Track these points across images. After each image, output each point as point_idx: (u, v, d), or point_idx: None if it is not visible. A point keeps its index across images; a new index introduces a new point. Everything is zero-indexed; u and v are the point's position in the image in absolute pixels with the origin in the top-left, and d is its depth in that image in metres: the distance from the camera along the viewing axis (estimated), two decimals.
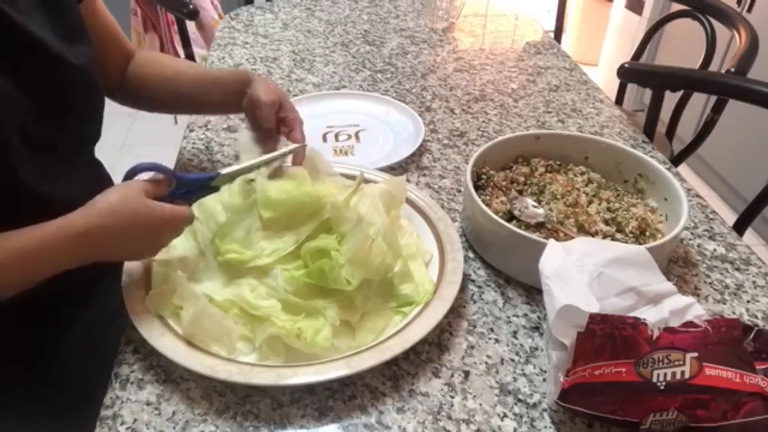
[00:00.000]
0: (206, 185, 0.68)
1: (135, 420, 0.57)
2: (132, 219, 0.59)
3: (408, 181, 0.85)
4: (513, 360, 0.65)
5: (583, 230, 0.75)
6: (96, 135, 0.79)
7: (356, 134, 1.05)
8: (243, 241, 0.68)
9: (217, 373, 0.57)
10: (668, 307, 0.60)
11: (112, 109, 0.85)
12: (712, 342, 0.54)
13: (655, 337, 0.54)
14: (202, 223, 0.73)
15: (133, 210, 0.59)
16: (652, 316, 0.57)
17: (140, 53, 0.90)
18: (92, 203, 0.59)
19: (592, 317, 0.57)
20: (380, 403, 0.59)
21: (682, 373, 0.53)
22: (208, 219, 0.72)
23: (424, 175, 0.95)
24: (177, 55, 1.95)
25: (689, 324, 0.55)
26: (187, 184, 0.66)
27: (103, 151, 0.85)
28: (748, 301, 0.74)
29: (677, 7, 1.57)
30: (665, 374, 0.53)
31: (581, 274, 0.60)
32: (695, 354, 0.53)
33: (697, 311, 0.59)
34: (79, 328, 0.78)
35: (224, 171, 0.68)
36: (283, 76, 1.23)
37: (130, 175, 0.63)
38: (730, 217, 1.07)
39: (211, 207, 0.72)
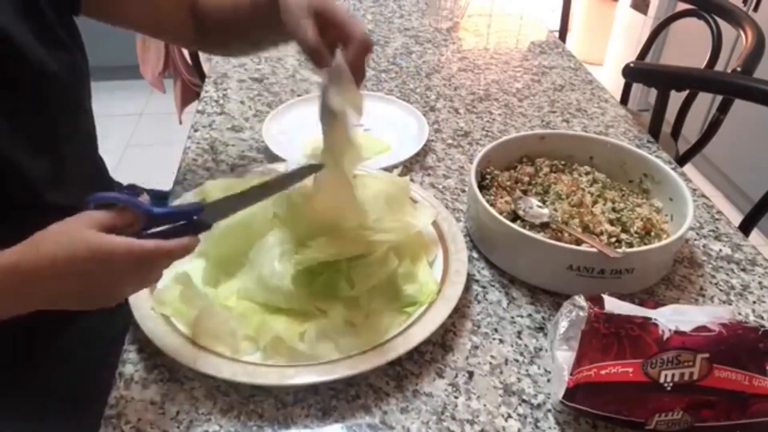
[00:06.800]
0: (189, 219, 0.55)
1: (139, 419, 0.57)
2: (78, 260, 0.48)
3: (412, 180, 0.84)
4: (517, 360, 0.64)
5: (588, 230, 0.75)
6: (89, 137, 0.79)
7: (360, 134, 1.05)
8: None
9: (221, 373, 0.57)
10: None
11: (116, 108, 0.86)
12: (725, 343, 0.54)
13: (665, 337, 0.54)
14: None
15: (76, 248, 0.48)
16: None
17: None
18: (31, 238, 0.50)
19: (597, 315, 0.57)
20: (384, 403, 0.59)
21: (690, 374, 0.53)
22: None
23: (429, 174, 0.95)
24: (182, 55, 1.95)
25: (702, 328, 0.55)
26: (163, 219, 0.54)
27: (108, 152, 0.86)
28: (754, 302, 0.73)
29: (683, 6, 1.57)
30: (673, 375, 0.53)
31: None
32: (706, 355, 0.53)
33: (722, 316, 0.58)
34: (82, 327, 0.78)
35: (211, 204, 0.57)
36: (287, 76, 1.23)
37: (88, 204, 0.52)
38: (736, 218, 1.07)
39: None
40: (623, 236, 0.75)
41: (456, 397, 0.60)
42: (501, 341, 0.67)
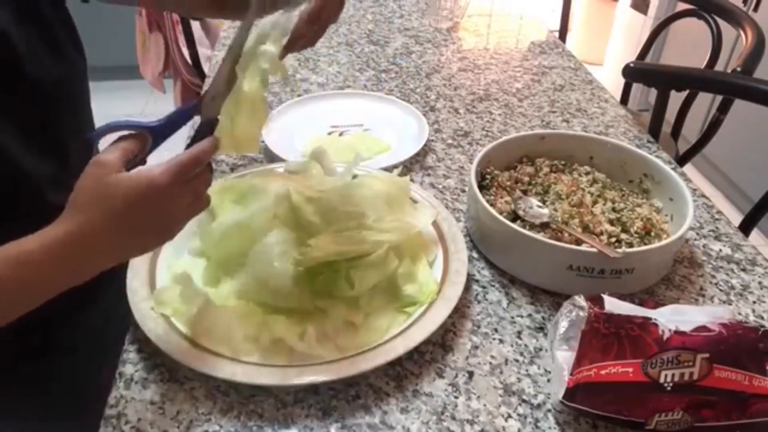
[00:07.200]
0: (189, 121, 0.56)
1: (139, 419, 0.57)
2: (123, 208, 0.49)
3: (412, 180, 0.84)
4: (517, 360, 0.64)
5: (588, 230, 0.75)
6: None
7: (360, 134, 1.05)
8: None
9: (221, 373, 0.57)
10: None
11: (116, 108, 0.85)
12: (725, 343, 0.54)
13: (665, 337, 0.54)
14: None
15: (116, 197, 0.48)
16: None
17: None
18: (68, 203, 0.50)
19: (597, 315, 0.57)
20: (384, 403, 0.59)
21: (690, 374, 0.53)
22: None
23: (428, 174, 0.95)
24: (182, 55, 1.95)
25: (702, 328, 0.55)
26: (166, 131, 0.54)
27: None
28: (754, 302, 0.73)
29: (683, 6, 1.57)
30: (673, 375, 0.53)
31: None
32: (706, 355, 0.53)
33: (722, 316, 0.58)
34: (82, 327, 0.78)
35: (204, 97, 0.56)
36: (287, 76, 1.23)
37: (95, 139, 0.53)
38: (736, 218, 1.06)
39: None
40: (623, 236, 0.75)
41: (456, 397, 0.60)
42: (501, 341, 0.67)
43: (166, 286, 0.66)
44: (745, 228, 1.11)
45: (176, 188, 0.51)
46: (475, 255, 0.78)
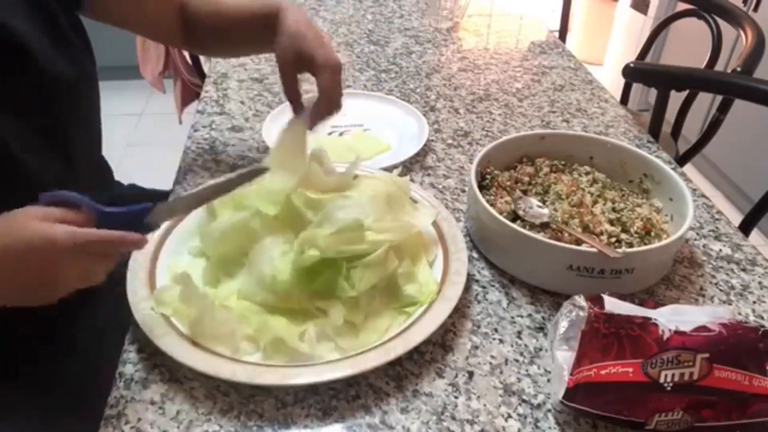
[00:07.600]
0: (137, 222, 0.55)
1: (139, 419, 0.57)
2: (16, 248, 0.48)
3: (412, 180, 0.84)
4: (517, 360, 0.64)
5: (588, 230, 0.75)
6: (96, 138, 0.79)
7: (360, 134, 1.05)
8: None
9: (221, 373, 0.57)
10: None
11: (116, 108, 0.85)
12: (725, 343, 0.54)
13: (665, 337, 0.54)
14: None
15: (17, 237, 0.48)
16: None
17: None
18: None
19: (597, 315, 0.57)
20: (384, 403, 0.59)
21: (690, 374, 0.53)
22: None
23: (428, 174, 0.95)
24: (182, 55, 1.95)
25: (702, 328, 0.55)
26: (110, 219, 0.54)
27: (108, 152, 0.86)
28: (754, 302, 0.73)
29: (683, 6, 1.57)
30: (673, 375, 0.53)
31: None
32: (706, 355, 0.53)
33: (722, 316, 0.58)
34: (82, 327, 0.79)
35: (160, 204, 0.57)
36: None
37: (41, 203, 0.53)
38: (736, 218, 1.06)
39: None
40: (623, 236, 0.75)
41: (456, 397, 0.60)
42: (501, 341, 0.67)
43: (166, 286, 0.66)
44: (745, 228, 1.11)
45: (71, 255, 0.50)
46: (475, 255, 0.78)
